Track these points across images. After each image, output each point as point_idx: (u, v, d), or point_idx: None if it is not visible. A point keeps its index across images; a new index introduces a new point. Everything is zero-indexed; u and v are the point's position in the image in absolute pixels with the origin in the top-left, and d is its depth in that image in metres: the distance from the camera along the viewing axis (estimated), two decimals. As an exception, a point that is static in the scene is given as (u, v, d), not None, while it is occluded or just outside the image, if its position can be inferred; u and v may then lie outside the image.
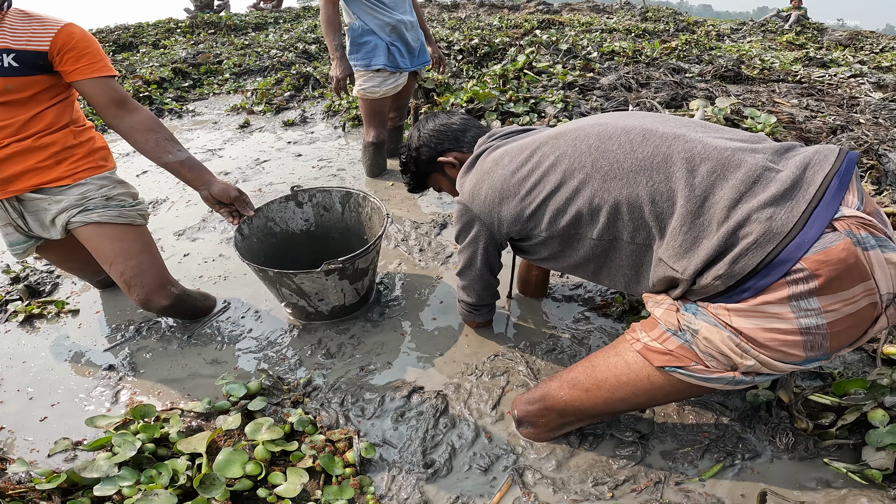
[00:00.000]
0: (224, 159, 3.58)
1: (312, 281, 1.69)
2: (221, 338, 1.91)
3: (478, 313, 1.74)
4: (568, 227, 1.26)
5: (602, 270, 1.31)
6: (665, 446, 1.42)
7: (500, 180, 1.38)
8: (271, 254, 2.02)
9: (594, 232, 1.22)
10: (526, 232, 1.37)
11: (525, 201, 1.33)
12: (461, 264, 1.59)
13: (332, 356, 1.78)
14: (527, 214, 1.33)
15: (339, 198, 2.11)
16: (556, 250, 1.35)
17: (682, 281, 1.08)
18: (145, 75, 5.70)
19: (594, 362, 1.24)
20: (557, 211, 1.26)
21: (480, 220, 1.44)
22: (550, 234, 1.31)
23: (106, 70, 1.57)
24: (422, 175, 1.73)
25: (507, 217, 1.38)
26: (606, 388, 1.20)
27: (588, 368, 1.25)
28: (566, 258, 1.34)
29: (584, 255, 1.29)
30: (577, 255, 1.30)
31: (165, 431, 1.47)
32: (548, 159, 1.29)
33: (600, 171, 1.19)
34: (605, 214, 1.18)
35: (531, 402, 1.40)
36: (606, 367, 1.20)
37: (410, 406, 1.57)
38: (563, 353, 1.73)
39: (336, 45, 2.56)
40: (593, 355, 1.27)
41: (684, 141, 1.12)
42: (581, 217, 1.23)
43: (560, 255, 1.35)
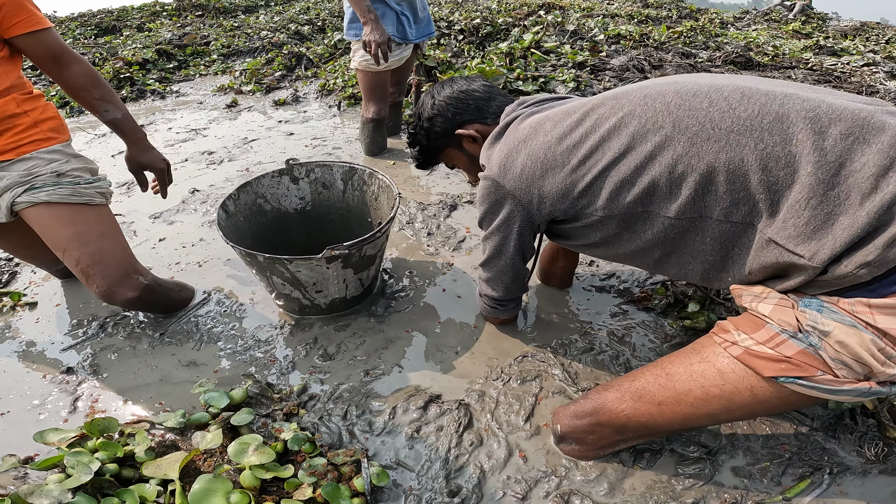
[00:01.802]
0: (209, 139, 3.29)
1: (311, 269, 1.42)
2: (200, 335, 1.63)
3: (503, 309, 1.48)
4: (635, 204, 1.02)
5: (670, 258, 1.07)
6: (737, 462, 1.20)
7: (542, 149, 1.13)
8: (260, 235, 1.74)
9: (672, 208, 0.98)
10: (574, 211, 1.12)
11: (577, 173, 1.08)
12: (488, 252, 1.33)
13: (331, 357, 1.52)
14: (579, 189, 1.08)
15: (341, 174, 1.84)
16: (612, 234, 1.10)
17: (805, 269, 0.83)
18: (127, 57, 5.37)
19: (670, 370, 0.99)
20: (622, 183, 1.02)
21: (515, 197, 1.19)
22: (609, 213, 1.06)
23: (43, 23, 1.38)
24: (434, 150, 1.48)
25: (551, 193, 1.13)
26: (689, 401, 0.95)
27: (661, 377, 0.99)
28: (624, 244, 1.10)
29: (651, 240, 1.04)
30: (641, 239, 1.06)
31: (130, 449, 1.21)
32: (607, 122, 1.05)
33: (686, 131, 0.94)
34: (690, 186, 0.94)
35: (580, 415, 1.15)
36: (689, 377, 0.95)
37: (427, 419, 1.31)
38: (602, 353, 1.48)
39: (367, 7, 2.28)
40: (666, 361, 1.02)
41: (800, 100, 0.89)
42: (656, 190, 0.98)
43: (616, 239, 1.11)
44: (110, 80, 4.72)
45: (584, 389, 1.36)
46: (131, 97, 4.48)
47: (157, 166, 1.57)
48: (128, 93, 4.54)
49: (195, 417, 1.31)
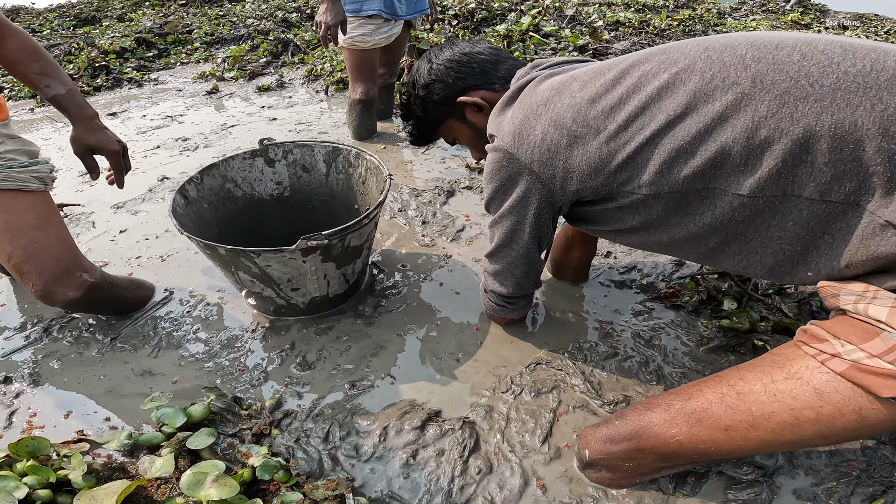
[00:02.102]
0: (185, 125, 3.04)
1: (284, 263, 1.19)
2: (158, 340, 1.40)
3: (512, 307, 1.26)
4: (693, 179, 0.82)
5: (730, 247, 0.87)
6: (798, 483, 1.01)
7: (568, 112, 0.93)
8: (229, 224, 1.51)
9: (746, 184, 0.78)
10: (609, 189, 0.92)
11: (615, 141, 0.88)
12: (496, 240, 1.12)
13: (311, 366, 1.29)
14: (617, 161, 0.88)
15: (323, 155, 1.61)
16: (656, 217, 0.90)
17: None
18: (104, 46, 5.11)
19: (742, 388, 0.77)
20: (677, 153, 0.82)
21: (532, 173, 0.98)
22: (656, 190, 0.86)
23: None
24: (431, 122, 1.27)
25: (580, 167, 0.93)
26: (769, 427, 0.74)
27: (730, 397, 0.78)
28: (671, 229, 0.90)
29: (710, 224, 0.84)
30: (696, 223, 0.86)
31: (65, 473, 0.99)
32: (656, 79, 0.85)
33: (772, 88, 0.75)
34: (776, 155, 0.74)
35: (615, 439, 0.93)
36: (772, 398, 0.73)
37: (425, 441, 1.09)
38: (628, 358, 1.26)
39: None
40: (732, 376, 0.80)
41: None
42: (725, 161, 0.78)
43: (661, 224, 0.91)
44: (84, 69, 4.46)
45: (611, 403, 1.15)
46: (106, 86, 4.23)
47: (108, 148, 1.31)
48: (102, 81, 4.28)
49: (145, 438, 1.10)
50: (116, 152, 1.32)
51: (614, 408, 1.14)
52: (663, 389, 1.17)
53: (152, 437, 1.10)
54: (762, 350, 1.25)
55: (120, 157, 1.33)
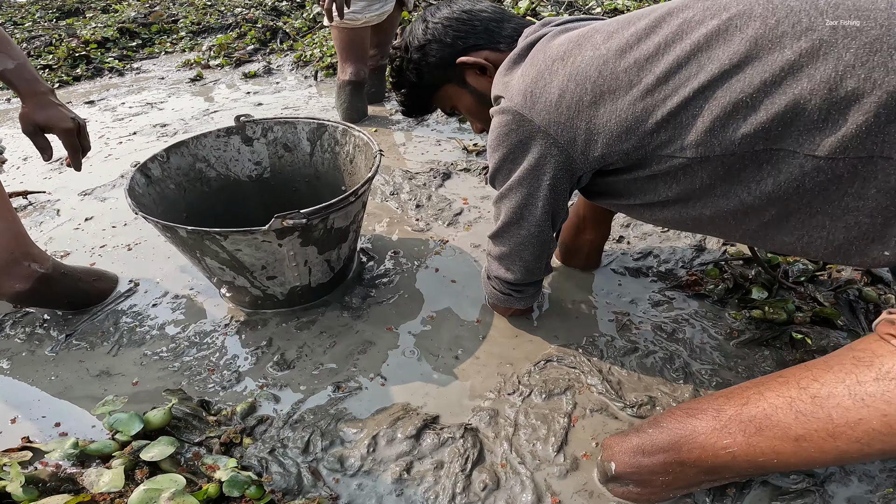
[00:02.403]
0: (164, 112, 2.88)
1: (256, 247, 1.04)
2: (119, 336, 1.24)
3: (520, 296, 1.11)
4: (753, 139, 0.69)
5: (790, 221, 0.73)
6: (852, 490, 0.87)
7: (592, 65, 0.80)
8: (201, 208, 1.36)
9: (824, 144, 0.64)
10: (644, 153, 0.79)
11: (653, 96, 0.75)
12: (503, 217, 0.97)
13: (290, 366, 1.13)
14: (656, 119, 0.75)
15: (307, 132, 1.45)
16: (699, 186, 0.77)
17: None
18: (86, 36, 4.94)
19: (816, 390, 0.62)
20: (734, 107, 0.69)
21: (548, 136, 0.84)
22: (704, 152, 0.73)
23: None
24: (427, 88, 1.14)
25: (607, 127, 0.80)
26: (855, 436, 0.59)
27: (802, 402, 0.63)
28: (717, 200, 0.77)
29: (771, 193, 0.71)
30: (751, 192, 0.73)
31: (3, 485, 0.85)
32: (702, 26, 0.73)
33: (858, 35, 0.62)
34: (865, 110, 0.61)
35: (648, 450, 0.79)
36: (859, 402, 0.59)
37: (421, 452, 0.94)
38: (650, 354, 1.12)
39: None
40: (802, 376, 0.65)
41: None
42: (798, 117, 0.65)
43: (705, 195, 0.78)
44: (63, 59, 4.30)
45: (634, 405, 1.00)
46: (86, 76, 4.05)
47: (60, 126, 1.13)
48: (82, 71, 4.11)
49: (95, 447, 0.96)
50: (69, 130, 1.14)
51: (638, 410, 0.99)
52: (692, 389, 1.03)
53: (103, 447, 0.95)
54: (801, 344, 1.11)
55: (74, 135, 1.15)
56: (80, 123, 1.16)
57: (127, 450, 0.94)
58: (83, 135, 1.17)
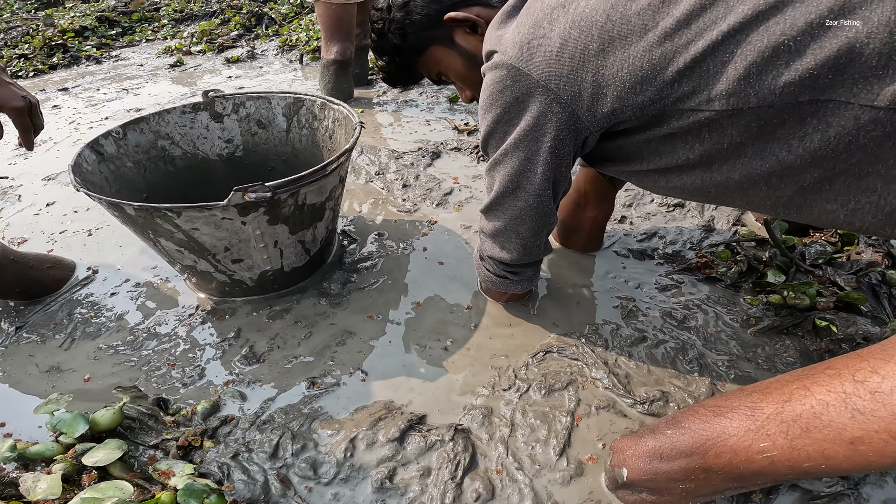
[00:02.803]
0: (140, 97, 2.74)
1: (216, 226, 0.92)
2: (73, 328, 1.12)
3: (517, 279, 1.00)
4: (799, 87, 0.58)
5: (833, 185, 0.63)
6: (888, 492, 0.78)
7: (599, 9, 0.70)
8: (164, 188, 1.24)
9: (885, 94, 0.54)
10: (661, 107, 0.68)
11: (673, 41, 0.64)
12: (497, 187, 0.86)
13: (260, 359, 1.02)
14: (678, 67, 0.65)
15: (282, 107, 1.33)
16: (727, 145, 0.66)
17: None
18: (63, 25, 4.77)
19: (878, 384, 0.51)
20: (775, 53, 0.59)
21: (549, 91, 0.74)
22: (738, 104, 0.62)
23: None
24: (411, 52, 1.03)
25: (618, 78, 0.69)
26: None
27: (860, 398, 0.52)
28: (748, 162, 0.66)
29: (816, 151, 0.61)
30: (794, 150, 0.62)
31: None
32: None
33: None
34: None
35: (667, 454, 0.68)
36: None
37: (406, 456, 0.82)
38: (660, 343, 1.01)
39: None
40: (860, 367, 0.54)
41: None
42: (854, 62, 0.55)
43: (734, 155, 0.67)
44: (39, 48, 4.13)
45: (645, 401, 0.89)
46: (62, 64, 3.89)
47: (10, 104, 1.02)
48: (59, 60, 3.94)
49: (35, 450, 0.85)
50: (19, 109, 1.03)
51: (649, 407, 0.88)
52: (709, 383, 0.92)
53: (45, 449, 0.85)
54: (826, 331, 1.00)
55: (25, 114, 1.04)
56: (32, 102, 1.05)
57: (70, 453, 0.84)
58: (35, 113, 1.06)
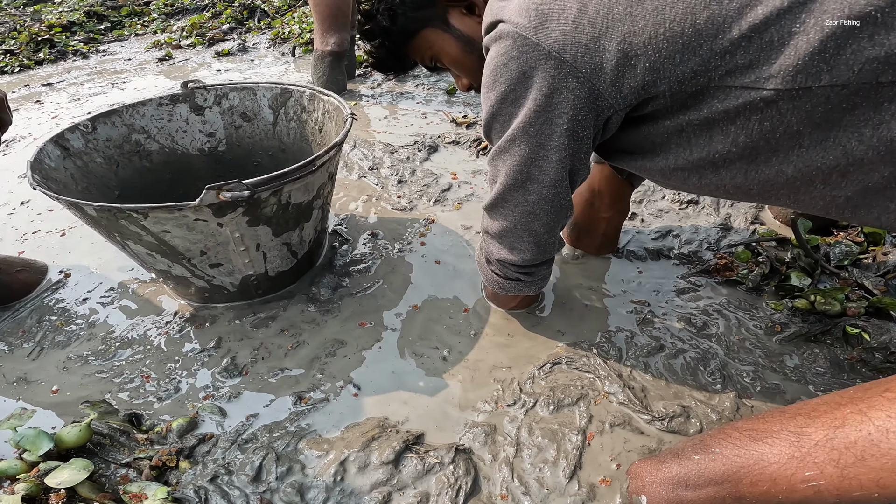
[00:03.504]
0: (125, 91, 2.65)
1: (188, 227, 0.83)
2: (42, 336, 1.03)
3: (531, 280, 0.89)
4: (885, 65, 0.50)
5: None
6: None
7: None
8: (139, 186, 1.15)
9: None
10: (706, 82, 0.59)
11: (723, 4, 0.56)
12: (502, 179, 0.77)
13: (242, 371, 0.93)
14: (731, 36, 0.56)
15: (269, 99, 1.25)
16: (781, 133, 0.57)
17: None
18: (50, 20, 4.66)
19: None
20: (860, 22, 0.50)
21: (563, 63, 0.64)
22: (805, 82, 0.53)
23: None
24: (401, 35, 0.95)
25: (653, 44, 0.60)
26: None
27: None
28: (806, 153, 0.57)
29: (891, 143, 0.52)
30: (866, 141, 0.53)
31: None
32: None
33: None
34: None
35: (693, 482, 0.60)
36: None
37: (402, 480, 0.74)
38: (679, 353, 0.93)
39: None
40: None
41: None
42: None
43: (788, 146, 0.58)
44: (26, 43, 4.04)
45: (664, 418, 0.81)
46: (49, 59, 3.79)
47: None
48: (45, 55, 3.84)
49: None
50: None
51: (668, 424, 0.80)
52: (734, 396, 0.84)
53: (8, 467, 0.80)
54: (857, 340, 0.92)
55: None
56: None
57: (33, 472, 0.77)
58: (2, 107, 0.99)
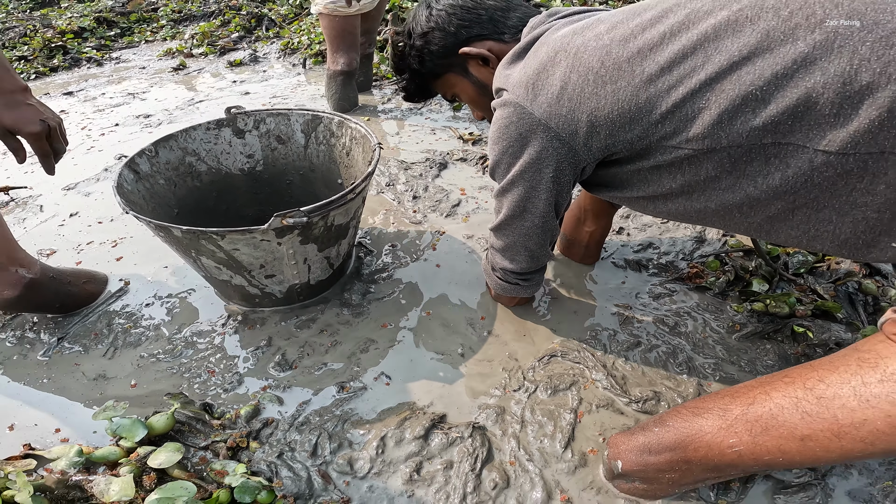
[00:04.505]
0: (147, 102, 2.80)
1: (254, 246, 1.01)
2: (113, 338, 1.21)
3: (526, 284, 1.11)
4: (761, 132, 0.68)
5: (795, 215, 0.73)
6: (852, 484, 0.89)
7: (595, 55, 0.79)
8: (191, 203, 1.32)
9: (835, 139, 0.64)
10: (646, 144, 0.78)
11: (657, 85, 0.74)
12: (505, 210, 0.97)
13: (292, 366, 1.12)
14: (661, 110, 0.74)
15: (301, 124, 1.42)
16: (703, 178, 0.76)
17: None
18: (61, 26, 4.78)
19: (823, 391, 0.63)
20: (744, 100, 0.68)
21: (549, 129, 0.84)
22: (710, 145, 0.72)
23: None
24: (428, 76, 1.13)
25: (610, 117, 0.79)
26: (859, 436, 0.59)
27: (807, 402, 0.63)
28: (722, 193, 0.76)
29: (778, 187, 0.70)
30: (758, 186, 0.72)
31: (12, 494, 0.83)
32: (710, 17, 0.72)
33: (874, 28, 0.61)
34: (880, 104, 0.60)
35: (654, 449, 0.79)
36: (864, 403, 0.59)
37: (431, 452, 0.93)
38: (653, 348, 1.12)
39: None
40: (808, 376, 0.66)
41: None
42: (809, 111, 0.64)
43: (709, 187, 0.77)
44: (39, 49, 4.16)
45: (639, 400, 1.00)
46: (63, 66, 3.92)
47: (26, 129, 0.98)
48: (59, 62, 3.98)
49: (100, 454, 0.94)
50: (36, 134, 1.00)
51: (643, 405, 0.99)
52: (696, 384, 1.03)
53: (108, 453, 0.93)
54: (803, 337, 1.11)
55: (43, 139, 1.01)
56: (52, 126, 1.01)
57: (133, 456, 0.92)
58: (55, 136, 1.03)
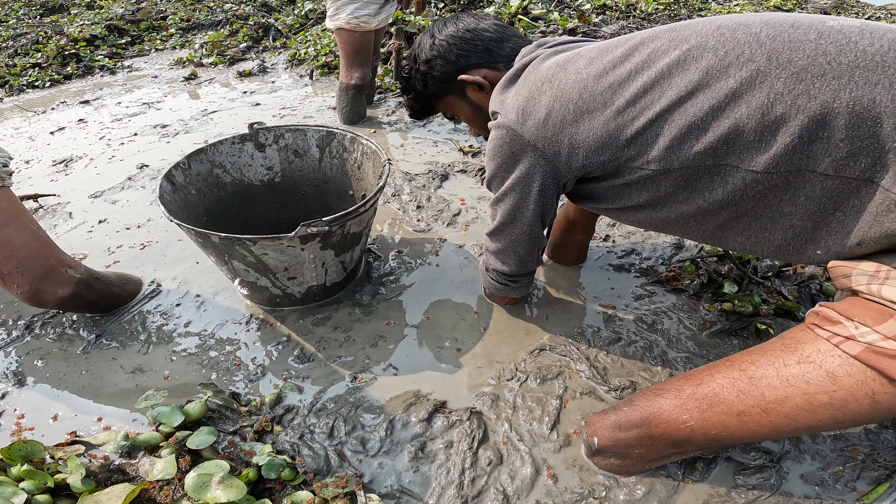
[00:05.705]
0: (162, 112, 2.94)
1: (281, 251, 1.15)
2: (147, 335, 1.34)
3: (515, 286, 1.24)
4: (704, 155, 0.81)
5: (738, 224, 0.86)
6: (805, 468, 1.00)
7: (574, 88, 0.93)
8: (217, 211, 1.46)
9: (760, 161, 0.77)
10: (616, 165, 0.92)
11: (624, 116, 0.87)
12: (499, 218, 1.10)
13: (309, 359, 1.25)
14: (626, 136, 0.88)
15: (316, 139, 1.55)
16: (663, 193, 0.90)
17: None
18: (73, 33, 4.91)
19: (753, 372, 0.76)
20: (689, 129, 0.81)
21: (536, 149, 0.97)
22: (665, 166, 0.85)
23: None
24: (431, 97, 1.26)
25: (586, 142, 0.92)
26: (783, 412, 0.73)
27: (742, 382, 0.77)
28: (679, 206, 0.90)
29: (721, 200, 0.84)
30: (706, 199, 0.86)
31: (63, 477, 0.95)
32: (666, 55, 0.85)
33: (788, 66, 0.74)
34: (792, 131, 0.74)
35: (623, 426, 0.92)
36: (785, 382, 0.72)
37: (433, 433, 1.06)
38: (632, 343, 1.25)
39: None
40: (743, 360, 0.79)
41: None
42: (738, 137, 0.78)
43: (668, 201, 0.90)
44: (53, 57, 4.30)
45: (618, 389, 1.13)
46: (77, 74, 4.06)
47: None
48: (73, 70, 4.11)
49: (143, 439, 1.05)
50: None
51: (621, 393, 1.13)
52: (669, 374, 1.16)
53: (150, 438, 1.05)
54: (766, 333, 1.25)
55: None
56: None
57: (172, 440, 1.04)
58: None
